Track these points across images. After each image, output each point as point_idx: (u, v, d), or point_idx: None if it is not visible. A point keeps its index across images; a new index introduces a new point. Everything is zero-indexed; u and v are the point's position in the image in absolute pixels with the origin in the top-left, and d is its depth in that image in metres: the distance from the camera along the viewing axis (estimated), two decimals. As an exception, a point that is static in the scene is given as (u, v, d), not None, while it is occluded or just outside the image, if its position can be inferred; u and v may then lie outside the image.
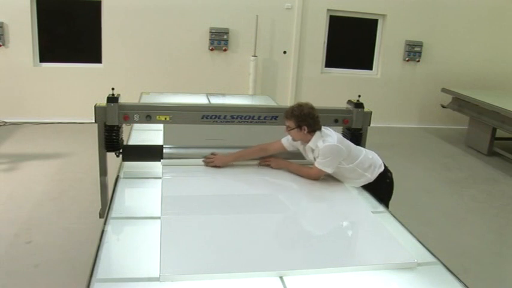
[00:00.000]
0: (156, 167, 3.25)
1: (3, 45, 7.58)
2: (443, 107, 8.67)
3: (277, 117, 3.45)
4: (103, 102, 3.19)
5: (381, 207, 3.04)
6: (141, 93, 5.77)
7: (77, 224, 4.43)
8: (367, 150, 3.42)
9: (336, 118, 3.58)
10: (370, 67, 9.20)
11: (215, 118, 3.32)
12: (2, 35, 7.51)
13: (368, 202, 3.07)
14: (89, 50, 8.26)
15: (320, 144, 3.14)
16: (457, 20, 8.98)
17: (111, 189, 2.97)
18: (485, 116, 7.50)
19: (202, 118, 3.30)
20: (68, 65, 8.07)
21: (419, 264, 2.27)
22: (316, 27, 8.63)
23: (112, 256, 2.17)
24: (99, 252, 2.15)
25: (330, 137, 3.18)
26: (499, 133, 7.51)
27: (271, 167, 3.37)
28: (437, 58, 9.12)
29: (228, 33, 8.23)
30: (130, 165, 3.32)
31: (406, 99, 9.15)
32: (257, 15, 8.11)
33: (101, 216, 3.35)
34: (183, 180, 3.15)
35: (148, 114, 3.22)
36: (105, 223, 2.43)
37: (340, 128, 3.71)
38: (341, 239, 2.56)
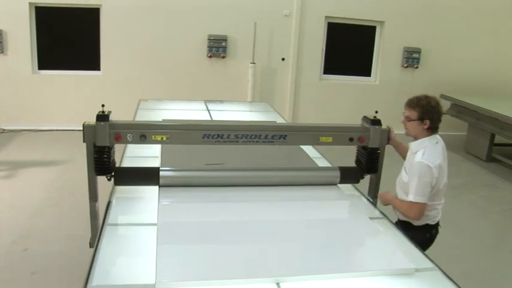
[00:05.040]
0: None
1: (2, 52, 7.60)
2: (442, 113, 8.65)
3: (286, 136, 3.08)
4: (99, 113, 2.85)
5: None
6: (140, 100, 5.76)
7: (76, 231, 4.39)
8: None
9: (350, 136, 3.16)
10: (368, 74, 9.22)
11: (217, 138, 2.97)
12: (1, 42, 7.53)
13: (366, 208, 3.05)
14: (88, 57, 8.28)
15: (418, 155, 2.89)
16: (455, 26, 9.00)
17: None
18: (484, 122, 7.49)
19: (203, 138, 2.96)
20: (67, 73, 8.09)
21: (417, 270, 2.26)
22: (314, 34, 8.65)
23: (108, 263, 2.15)
24: (95, 259, 2.14)
25: (433, 153, 2.91)
26: (498, 139, 7.51)
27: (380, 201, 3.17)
28: (435, 64, 9.14)
29: (226, 40, 8.25)
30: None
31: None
32: (255, 23, 8.14)
33: (91, 245, 3.01)
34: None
35: (143, 133, 2.88)
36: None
37: (355, 148, 3.37)
38: (338, 245, 2.52)
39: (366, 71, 9.21)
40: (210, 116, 5.17)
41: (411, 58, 9.05)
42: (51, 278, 3.63)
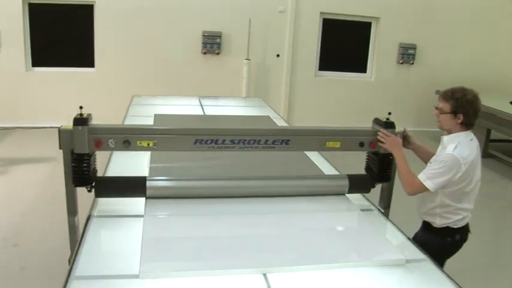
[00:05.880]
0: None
1: (-4, 49, 7.54)
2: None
3: (288, 141, 2.76)
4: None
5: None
6: (133, 96, 5.73)
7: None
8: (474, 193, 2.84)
9: (361, 141, 2.87)
10: (364, 70, 9.18)
11: (211, 143, 2.64)
12: (-6, 39, 7.48)
13: (357, 199, 2.99)
14: (82, 54, 8.22)
15: (450, 148, 2.66)
16: (451, 22, 8.97)
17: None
18: (480, 118, 7.41)
19: (195, 143, 2.63)
20: (61, 70, 8.03)
21: (408, 261, 2.23)
22: (309, 30, 8.61)
23: (92, 254, 2.12)
24: (79, 251, 2.11)
25: (467, 149, 2.68)
26: (494, 135, 7.48)
27: (382, 144, 2.82)
28: (431, 60, 9.11)
29: (220, 36, 8.21)
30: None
31: (401, 102, 9.10)
32: (250, 19, 8.09)
33: (70, 263, 2.41)
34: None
35: (127, 139, 2.56)
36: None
37: (364, 154, 3.07)
38: (328, 237, 2.49)
39: (361, 67, 9.17)
40: (203, 111, 5.14)
41: (407, 54, 9.01)
42: (40, 273, 3.60)
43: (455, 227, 2.83)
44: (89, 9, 7.86)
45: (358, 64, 9.18)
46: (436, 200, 2.76)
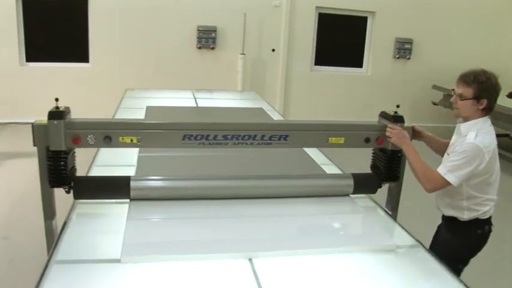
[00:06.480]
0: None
1: (-11, 44, 7.48)
2: (434, 104, 8.61)
3: (287, 136, 2.51)
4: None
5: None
6: (126, 90, 5.68)
7: (59, 222, 4.34)
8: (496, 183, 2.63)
9: (367, 137, 2.62)
10: (360, 65, 9.13)
11: (201, 139, 2.40)
12: (-13, 34, 7.42)
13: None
14: (76, 49, 8.15)
15: (470, 136, 2.42)
16: (447, 16, 8.92)
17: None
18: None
19: (183, 139, 2.39)
20: (55, 65, 7.95)
21: (399, 247, 2.19)
22: (305, 24, 8.55)
23: (74, 239, 2.07)
24: (61, 236, 2.07)
25: (488, 136, 2.47)
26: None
27: (389, 138, 2.60)
28: (427, 55, 9.06)
29: (215, 31, 8.15)
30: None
31: (397, 97, 8.98)
32: (245, 13, 8.03)
33: None
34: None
35: (108, 134, 2.32)
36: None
37: (370, 151, 2.82)
38: (316, 222, 2.43)
39: (357, 62, 9.11)
40: (196, 103, 5.09)
41: (403, 49, 8.96)
42: (28, 265, 3.54)
43: (484, 217, 2.62)
44: (83, 4, 7.79)
45: (355, 59, 9.12)
46: (462, 193, 2.54)
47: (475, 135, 2.41)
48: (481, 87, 2.43)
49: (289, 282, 1.85)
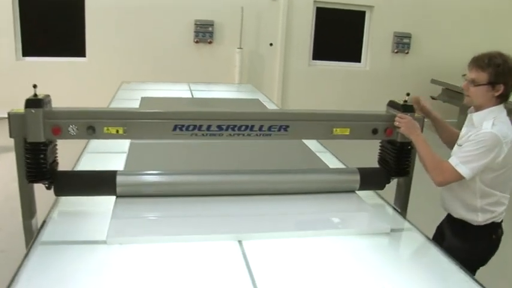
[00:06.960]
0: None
1: (-15, 39, 7.45)
2: (433, 98, 8.56)
3: (287, 127, 2.29)
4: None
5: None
6: (121, 83, 5.64)
7: (50, 213, 4.32)
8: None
9: (374, 127, 2.41)
10: (358, 59, 9.09)
11: (194, 129, 2.19)
12: (-17, 29, 7.39)
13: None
14: (73, 43, 8.11)
15: (487, 125, 2.17)
16: (446, 10, 8.88)
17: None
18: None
19: (174, 130, 2.19)
20: (52, 59, 7.92)
21: (393, 230, 2.15)
22: (302, 19, 8.51)
23: (60, 221, 2.04)
24: (47, 219, 2.03)
25: (506, 126, 2.20)
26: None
27: (398, 127, 2.38)
28: (426, 49, 9.02)
29: (213, 25, 8.11)
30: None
31: (396, 92, 8.83)
32: (242, 7, 7.99)
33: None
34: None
35: (91, 125, 2.11)
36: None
37: (377, 143, 2.60)
38: (308, 205, 2.36)
39: (356, 56, 9.08)
40: (192, 95, 5.06)
41: (401, 43, 8.92)
42: (19, 256, 3.52)
43: (498, 220, 2.34)
44: (80, -1, 7.77)
45: (353, 53, 9.08)
46: (475, 190, 2.26)
47: (491, 123, 2.16)
48: (496, 71, 2.19)
49: (279, 265, 1.81)
